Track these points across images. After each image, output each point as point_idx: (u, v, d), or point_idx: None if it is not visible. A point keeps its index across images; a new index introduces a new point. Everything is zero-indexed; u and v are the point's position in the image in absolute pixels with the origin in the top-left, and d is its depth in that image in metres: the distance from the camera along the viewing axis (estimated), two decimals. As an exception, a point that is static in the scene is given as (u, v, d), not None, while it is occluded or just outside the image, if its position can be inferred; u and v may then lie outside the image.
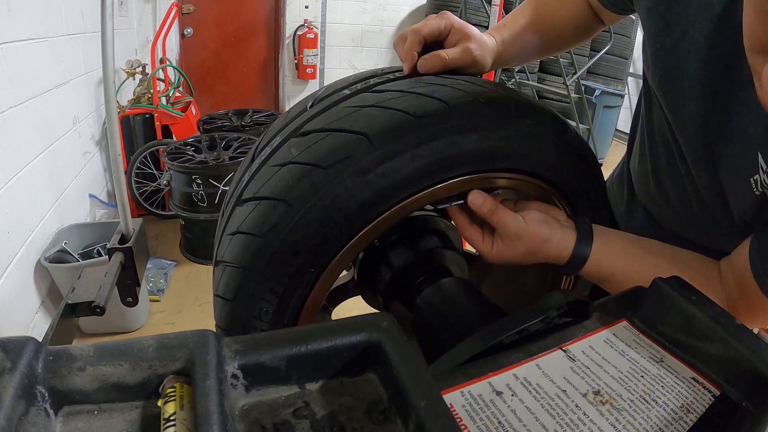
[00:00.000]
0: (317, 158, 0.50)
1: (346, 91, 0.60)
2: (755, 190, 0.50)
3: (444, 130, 0.51)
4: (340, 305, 0.85)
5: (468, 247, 0.77)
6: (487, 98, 0.54)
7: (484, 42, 0.66)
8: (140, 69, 3.08)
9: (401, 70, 0.64)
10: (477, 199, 0.57)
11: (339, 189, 0.49)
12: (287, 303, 0.53)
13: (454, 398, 0.36)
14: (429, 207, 0.74)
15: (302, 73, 4.86)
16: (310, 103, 0.62)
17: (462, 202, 0.59)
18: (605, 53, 4.28)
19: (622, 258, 0.60)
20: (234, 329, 0.55)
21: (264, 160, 0.56)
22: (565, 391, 0.37)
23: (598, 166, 0.65)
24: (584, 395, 0.37)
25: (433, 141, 0.51)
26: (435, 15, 0.64)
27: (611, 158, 4.77)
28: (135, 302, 0.84)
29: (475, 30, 0.65)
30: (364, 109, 0.53)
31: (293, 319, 0.55)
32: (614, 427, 0.34)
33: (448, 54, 0.62)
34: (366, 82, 0.62)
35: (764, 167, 0.49)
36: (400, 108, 0.51)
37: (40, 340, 0.29)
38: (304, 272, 0.52)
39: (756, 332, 0.40)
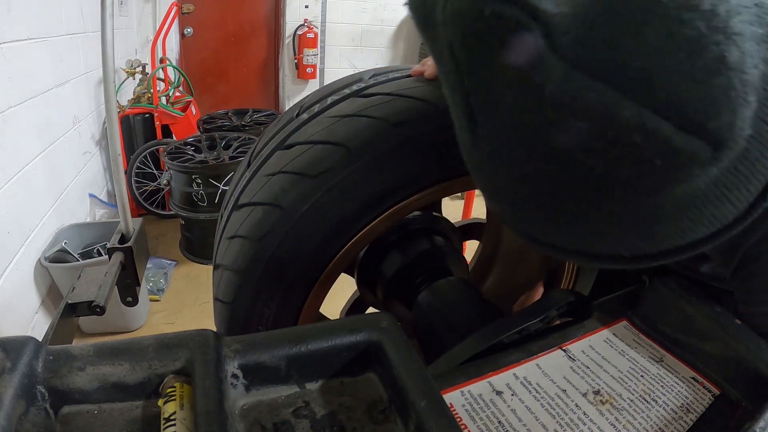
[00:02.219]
0: (304, 168, 0.50)
1: (334, 98, 0.59)
2: None
3: (435, 131, 0.51)
4: (339, 305, 0.85)
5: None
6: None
7: None
8: (140, 69, 3.08)
9: (396, 71, 0.63)
10: None
11: (327, 197, 0.49)
12: (286, 306, 0.53)
13: (454, 398, 0.36)
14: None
15: (302, 72, 4.85)
16: (296, 112, 0.62)
17: None
18: (605, 53, 4.27)
19: None
20: (233, 334, 0.55)
21: (256, 169, 0.56)
22: (565, 390, 0.37)
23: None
24: (584, 395, 0.37)
25: (427, 144, 0.51)
26: None
27: (611, 158, 4.77)
28: (135, 302, 0.84)
29: None
30: (366, 110, 0.53)
31: (293, 321, 0.55)
32: (614, 426, 0.34)
33: None
34: (359, 84, 0.61)
35: None
36: (403, 108, 0.51)
37: (40, 340, 0.29)
38: (303, 275, 0.52)
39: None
